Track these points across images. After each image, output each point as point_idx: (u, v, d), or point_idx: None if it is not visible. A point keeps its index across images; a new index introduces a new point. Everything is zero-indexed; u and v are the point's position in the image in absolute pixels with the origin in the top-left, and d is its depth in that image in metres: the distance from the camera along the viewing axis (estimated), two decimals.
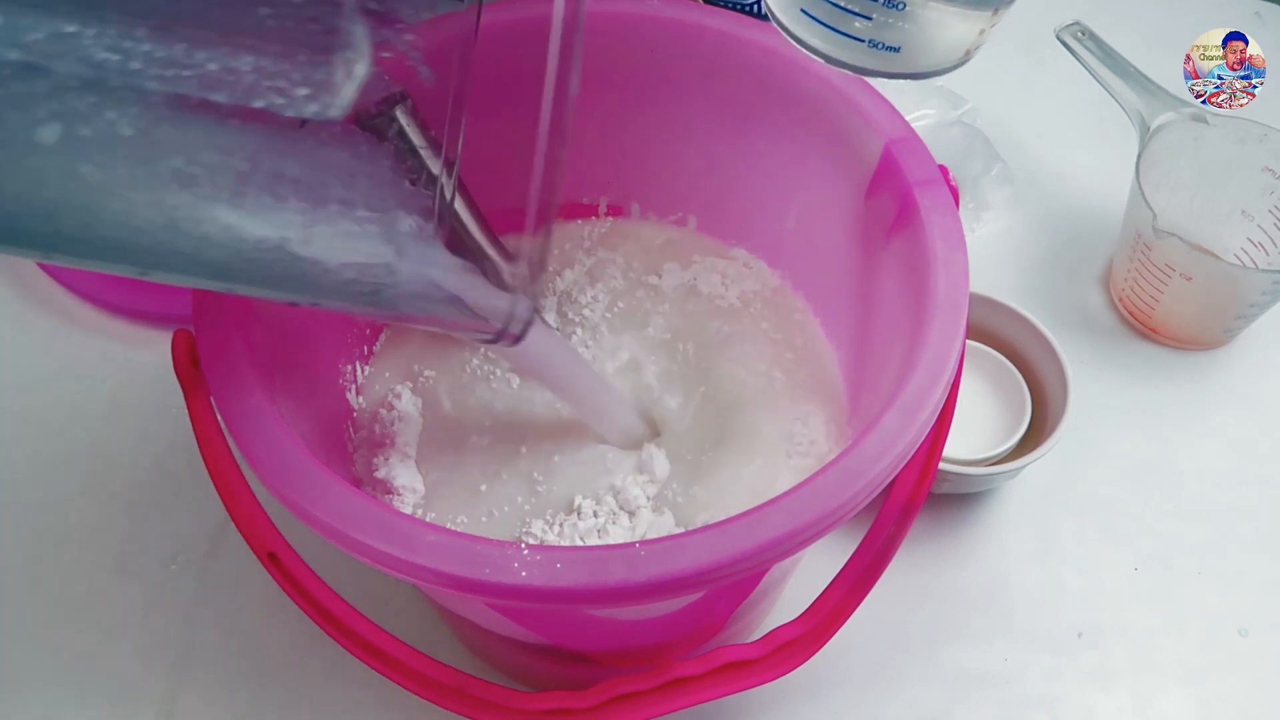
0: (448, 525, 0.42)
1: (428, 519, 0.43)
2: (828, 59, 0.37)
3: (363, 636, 0.36)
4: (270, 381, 0.37)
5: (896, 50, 0.36)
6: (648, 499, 0.43)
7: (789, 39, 0.37)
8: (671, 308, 0.50)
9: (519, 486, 0.44)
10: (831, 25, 0.36)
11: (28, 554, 0.51)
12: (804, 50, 0.37)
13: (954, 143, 0.63)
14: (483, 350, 0.48)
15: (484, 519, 0.43)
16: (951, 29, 0.36)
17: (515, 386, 0.47)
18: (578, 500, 0.42)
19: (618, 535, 0.42)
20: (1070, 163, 0.66)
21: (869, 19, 0.35)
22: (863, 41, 0.35)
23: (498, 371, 0.47)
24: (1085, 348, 0.58)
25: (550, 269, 0.51)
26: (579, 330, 0.48)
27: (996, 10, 0.36)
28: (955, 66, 0.37)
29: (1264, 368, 0.58)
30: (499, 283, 0.34)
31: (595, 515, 0.42)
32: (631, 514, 0.42)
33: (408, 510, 0.43)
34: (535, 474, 0.44)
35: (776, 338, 0.49)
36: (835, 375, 0.47)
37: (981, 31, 0.36)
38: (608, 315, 0.49)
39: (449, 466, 0.44)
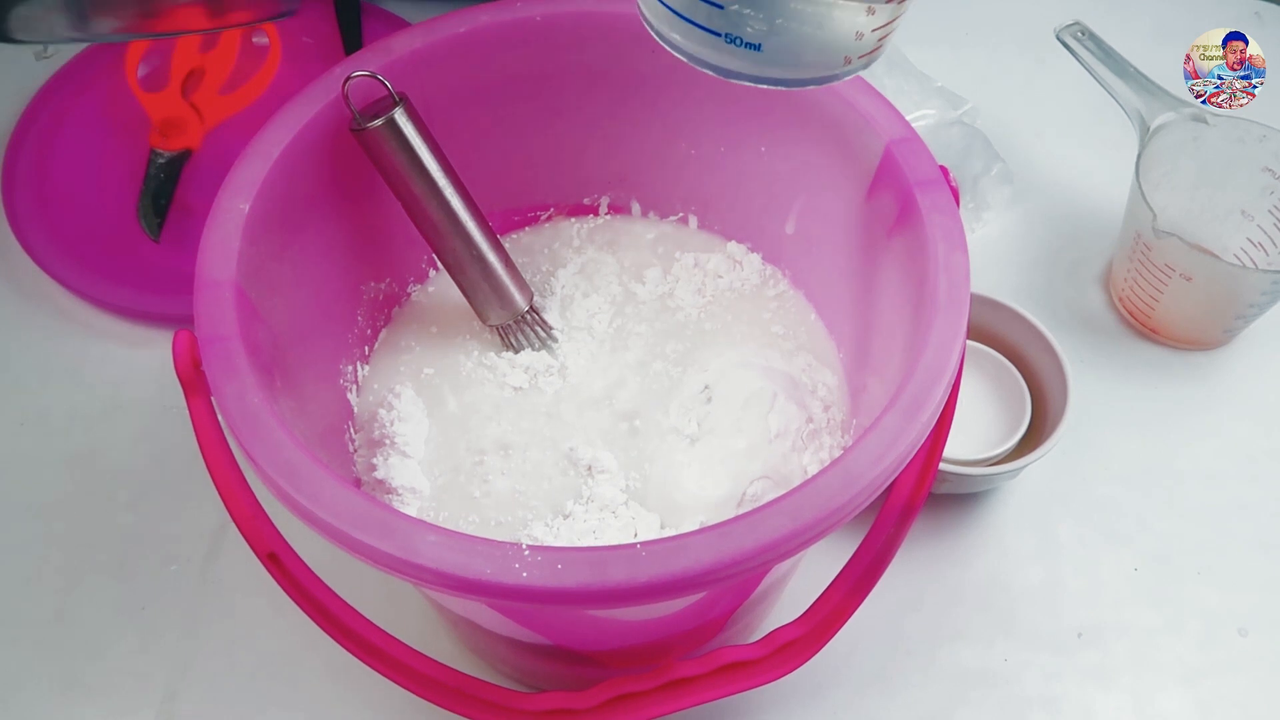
0: (458, 527, 0.42)
1: (438, 520, 0.43)
2: (686, 55, 0.32)
3: (363, 636, 0.36)
4: (270, 381, 0.37)
5: (758, 49, 0.31)
6: (623, 494, 0.43)
7: (651, 32, 0.33)
8: (663, 301, 0.50)
9: (519, 487, 0.44)
10: (684, 14, 0.31)
11: (28, 554, 0.51)
12: (665, 45, 0.33)
13: (954, 143, 0.63)
14: (476, 354, 0.48)
15: (494, 523, 0.43)
16: (820, 25, 0.31)
17: (511, 390, 0.47)
18: (569, 505, 0.43)
19: (612, 535, 0.42)
20: (1070, 163, 0.66)
21: (719, 7, 0.30)
22: (719, 35, 0.31)
23: (494, 374, 0.47)
24: (1085, 348, 0.58)
25: (544, 267, 0.51)
26: (587, 335, 0.48)
27: (871, 7, 0.30)
28: (834, 76, 0.32)
29: (1264, 368, 0.58)
30: None
31: (585, 519, 0.42)
32: (614, 512, 0.42)
33: (412, 512, 0.43)
34: (531, 476, 0.44)
35: (776, 332, 0.49)
36: (838, 371, 0.47)
37: (859, 35, 0.31)
38: (610, 330, 0.49)
39: (451, 469, 0.44)
